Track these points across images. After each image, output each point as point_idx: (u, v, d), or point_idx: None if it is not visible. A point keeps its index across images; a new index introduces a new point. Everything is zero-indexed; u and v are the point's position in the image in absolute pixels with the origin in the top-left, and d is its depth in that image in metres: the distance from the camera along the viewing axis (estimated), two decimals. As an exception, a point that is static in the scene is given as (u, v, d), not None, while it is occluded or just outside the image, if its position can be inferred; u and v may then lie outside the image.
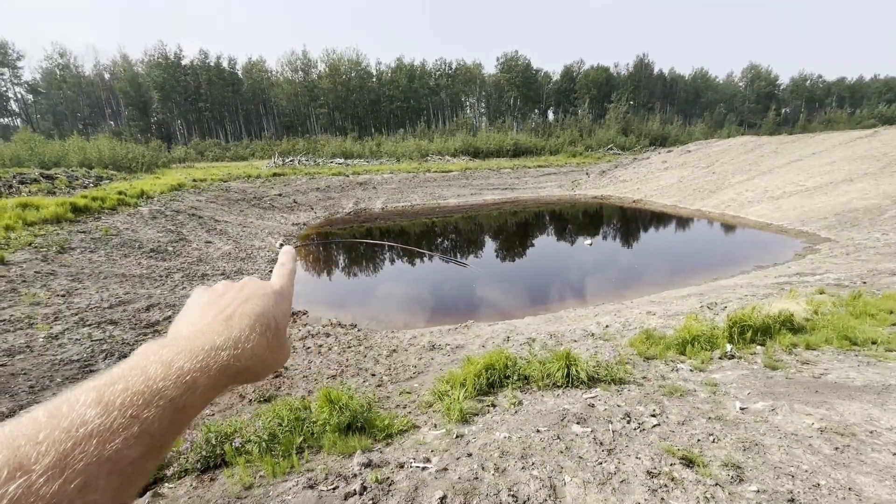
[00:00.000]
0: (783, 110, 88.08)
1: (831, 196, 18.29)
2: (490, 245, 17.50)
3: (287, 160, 34.54)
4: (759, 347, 4.92)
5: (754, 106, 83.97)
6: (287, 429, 3.48)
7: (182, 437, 3.17)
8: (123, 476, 0.32)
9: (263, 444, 3.19)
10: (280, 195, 23.06)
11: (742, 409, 3.33)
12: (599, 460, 2.65)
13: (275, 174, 26.57)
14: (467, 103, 76.34)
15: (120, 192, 14.53)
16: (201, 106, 61.62)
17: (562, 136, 49.58)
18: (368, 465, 2.91)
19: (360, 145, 43.91)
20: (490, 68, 76.15)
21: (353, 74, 65.60)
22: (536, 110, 74.98)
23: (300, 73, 65.61)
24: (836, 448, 2.72)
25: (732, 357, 4.66)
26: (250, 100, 66.34)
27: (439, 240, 18.86)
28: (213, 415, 4.69)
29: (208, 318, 0.48)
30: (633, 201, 25.62)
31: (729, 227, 18.40)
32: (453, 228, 21.00)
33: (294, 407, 3.82)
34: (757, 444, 2.78)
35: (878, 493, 2.28)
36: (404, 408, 4.28)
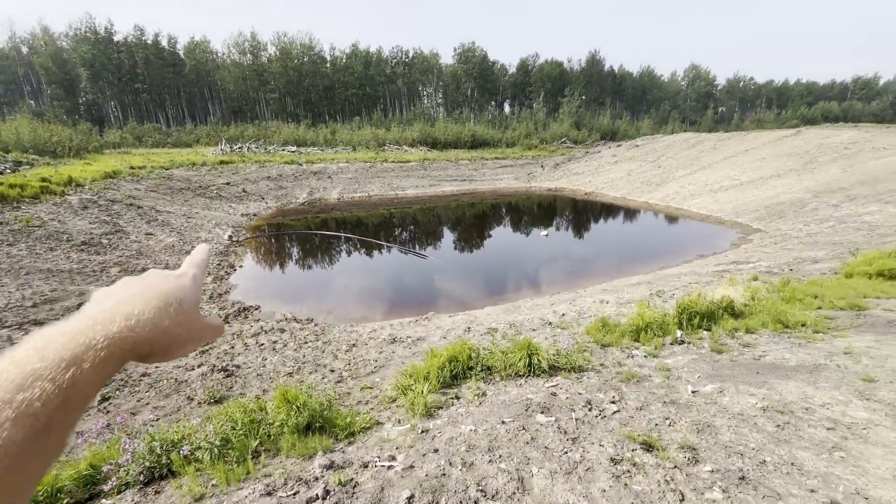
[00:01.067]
0: (720, 109, 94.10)
1: (762, 190, 19.78)
2: (449, 236, 17.51)
3: (235, 147, 32.74)
4: (705, 332, 5.22)
5: (695, 104, 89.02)
6: (241, 432, 3.27)
7: (120, 449, 2.90)
8: (5, 461, 0.32)
9: (215, 450, 2.98)
10: (228, 184, 21.85)
11: (693, 392, 3.51)
12: (565, 449, 2.69)
13: (222, 162, 25.13)
14: (425, 93, 75.61)
15: (43, 179, 13.16)
16: (138, 87, 56.92)
17: (518, 129, 50.28)
18: (330, 466, 2.79)
19: (313, 133, 42.36)
20: (447, 58, 75.68)
21: (305, 59, 62.96)
22: (493, 102, 75.54)
23: (248, 55, 62.09)
24: (778, 425, 2.91)
25: (682, 342, 4.91)
26: (194, 82, 61.98)
27: (398, 231, 18.62)
28: (158, 420, 4.37)
29: (103, 307, 0.47)
30: (586, 193, 26.50)
31: (673, 219, 19.46)
32: (412, 220, 20.81)
33: (248, 408, 3.61)
34: (709, 426, 2.92)
35: (816, 466, 2.46)
36: (366, 404, 4.17)
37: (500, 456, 2.67)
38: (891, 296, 6.48)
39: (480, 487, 2.38)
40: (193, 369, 5.76)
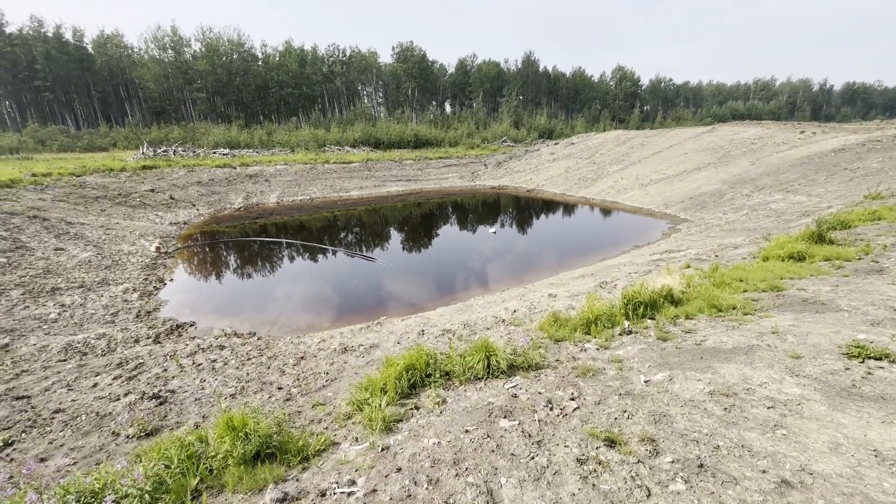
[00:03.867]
0: (645, 108, 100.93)
1: (686, 182, 21.38)
2: (396, 237, 17.24)
3: (160, 151, 30.22)
4: (650, 321, 5.45)
5: (623, 103, 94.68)
6: (178, 471, 2.92)
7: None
8: None
9: (146, 496, 2.62)
10: (153, 191, 20.08)
11: (646, 381, 3.62)
12: (531, 455, 2.65)
13: (144, 167, 23.10)
14: (364, 92, 74.27)
15: (-82, 191, 11.31)
16: (39, 85, 50.88)
17: (460, 129, 50.80)
18: (284, 499, 2.55)
19: (247, 134, 40.12)
20: (386, 57, 74.88)
21: (234, 56, 59.40)
22: (434, 102, 75.74)
23: (170, 51, 57.49)
24: (725, 408, 3.07)
25: (630, 332, 5.09)
26: (107, 80, 56.44)
27: (343, 234, 18.06)
28: (76, 464, 3.82)
29: None
30: (528, 191, 27.26)
31: (609, 212, 20.50)
32: (357, 222, 20.29)
33: (185, 441, 3.24)
34: (664, 415, 3.01)
35: (763, 446, 2.59)
36: (319, 423, 3.91)
37: (467, 469, 2.57)
38: (801, 276, 7.17)
39: (449, 505, 2.27)
40: (119, 399, 5.15)
